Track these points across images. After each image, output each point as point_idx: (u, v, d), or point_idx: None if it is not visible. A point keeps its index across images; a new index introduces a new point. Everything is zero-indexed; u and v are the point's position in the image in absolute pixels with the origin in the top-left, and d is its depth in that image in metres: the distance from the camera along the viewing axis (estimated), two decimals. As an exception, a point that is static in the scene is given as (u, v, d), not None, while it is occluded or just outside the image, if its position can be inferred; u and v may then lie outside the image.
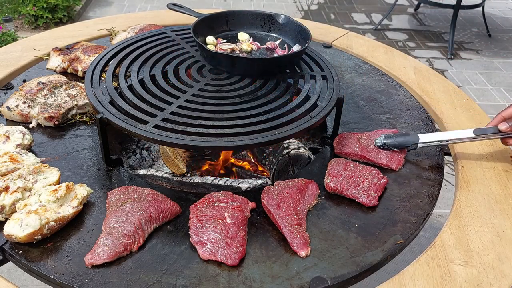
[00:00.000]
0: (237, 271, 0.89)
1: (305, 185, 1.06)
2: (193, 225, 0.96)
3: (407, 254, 1.10)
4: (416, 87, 1.56)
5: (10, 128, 1.17)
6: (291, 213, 0.98)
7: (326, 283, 0.87)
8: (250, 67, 1.24)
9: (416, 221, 1.03)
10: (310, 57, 1.36)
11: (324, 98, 1.17)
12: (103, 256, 0.88)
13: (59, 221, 0.93)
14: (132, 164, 1.34)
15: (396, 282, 0.89)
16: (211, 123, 1.05)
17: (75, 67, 1.52)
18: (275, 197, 1.01)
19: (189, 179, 1.22)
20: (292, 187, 1.04)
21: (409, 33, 4.36)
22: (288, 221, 0.97)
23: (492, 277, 0.91)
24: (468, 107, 1.46)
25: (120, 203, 0.98)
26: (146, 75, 1.21)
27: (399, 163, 1.17)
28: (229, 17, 1.41)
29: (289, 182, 1.06)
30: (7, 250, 0.91)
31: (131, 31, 1.72)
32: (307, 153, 1.32)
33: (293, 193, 1.03)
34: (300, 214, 1.00)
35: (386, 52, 1.79)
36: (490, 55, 4.02)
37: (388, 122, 1.37)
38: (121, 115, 1.06)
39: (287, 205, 1.00)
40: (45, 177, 1.02)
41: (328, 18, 4.60)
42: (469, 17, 4.74)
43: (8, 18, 3.70)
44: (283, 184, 1.06)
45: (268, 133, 1.03)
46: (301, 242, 0.94)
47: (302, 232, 0.96)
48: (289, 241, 0.94)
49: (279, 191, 1.03)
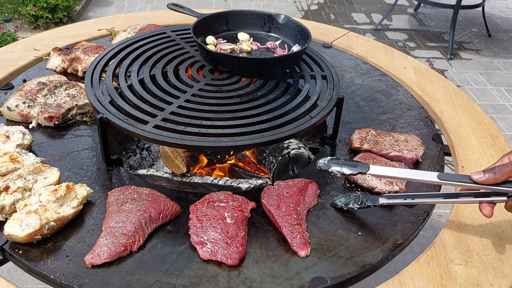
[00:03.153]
0: (237, 271, 0.89)
1: (305, 185, 1.06)
2: (193, 225, 0.96)
3: (407, 254, 1.10)
4: (416, 87, 1.56)
5: (10, 128, 1.17)
6: (291, 213, 0.98)
7: (326, 283, 0.87)
8: (250, 67, 1.24)
9: (416, 221, 1.03)
10: (310, 57, 1.36)
11: (324, 98, 1.17)
12: (103, 256, 0.88)
13: (59, 221, 0.93)
14: (132, 164, 1.34)
15: (396, 282, 0.89)
16: (211, 123, 1.05)
17: (75, 67, 1.52)
18: (275, 197, 1.01)
19: (189, 179, 1.22)
20: (292, 187, 1.04)
21: (409, 33, 4.36)
22: (288, 221, 0.97)
23: (492, 277, 0.91)
24: (468, 107, 1.46)
25: (120, 203, 0.98)
26: (146, 75, 1.21)
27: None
28: (229, 17, 1.41)
29: (289, 182, 1.06)
30: (7, 250, 0.91)
31: (131, 31, 1.72)
32: (307, 153, 1.32)
33: (293, 193, 1.03)
34: (300, 214, 1.00)
35: (386, 52, 1.79)
36: (490, 55, 4.02)
37: (388, 122, 1.37)
38: (121, 115, 1.06)
39: (287, 205, 1.00)
40: (45, 177, 1.02)
41: (328, 18, 4.60)
42: (469, 17, 4.73)
43: (8, 18, 3.70)
44: (283, 184, 1.06)
45: (268, 133, 1.03)
46: (301, 242, 0.94)
47: (302, 232, 0.96)
48: (289, 241, 0.94)
49: (279, 191, 1.03)
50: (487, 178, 0.86)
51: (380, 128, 1.33)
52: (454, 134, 1.33)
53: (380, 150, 1.20)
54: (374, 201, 1.00)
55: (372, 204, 1.00)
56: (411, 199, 0.96)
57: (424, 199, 0.97)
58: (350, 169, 0.95)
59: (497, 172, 0.85)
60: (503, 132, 2.99)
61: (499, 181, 0.86)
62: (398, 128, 1.35)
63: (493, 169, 0.86)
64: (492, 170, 0.86)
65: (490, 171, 0.86)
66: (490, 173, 0.86)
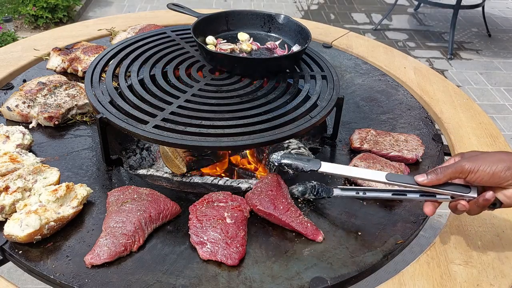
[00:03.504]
0: (237, 271, 0.89)
1: (275, 178, 1.07)
2: (193, 225, 0.96)
3: (407, 254, 1.10)
4: (416, 87, 1.56)
5: (10, 128, 1.17)
6: (289, 208, 0.99)
7: (326, 283, 0.87)
8: (250, 67, 1.24)
9: (416, 221, 1.03)
10: (310, 57, 1.36)
11: (324, 98, 1.17)
12: (103, 256, 0.88)
13: (59, 221, 0.93)
14: (132, 164, 1.34)
15: (396, 282, 0.89)
16: (211, 123, 1.05)
17: (75, 67, 1.52)
18: (267, 199, 1.01)
19: (189, 179, 1.22)
20: (270, 185, 1.04)
21: (409, 33, 4.36)
22: (291, 215, 0.98)
23: (492, 277, 0.91)
24: (468, 107, 1.46)
25: (120, 203, 0.98)
26: (146, 75, 1.21)
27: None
28: (229, 17, 1.41)
29: (264, 182, 1.06)
30: (7, 250, 0.91)
31: (131, 31, 1.72)
32: (307, 153, 1.32)
33: (275, 189, 1.03)
34: (293, 205, 1.01)
35: (386, 52, 1.79)
36: (490, 55, 4.02)
37: (388, 122, 1.37)
38: (121, 115, 1.06)
39: (281, 202, 1.00)
40: (45, 177, 1.02)
41: (328, 18, 4.60)
42: (469, 17, 4.73)
43: (8, 18, 3.70)
44: (261, 185, 1.05)
45: (268, 133, 1.03)
46: (313, 228, 0.96)
47: (307, 220, 0.98)
48: (303, 233, 0.96)
49: (265, 193, 1.02)
50: (429, 180, 0.88)
51: (380, 128, 1.33)
52: (454, 134, 1.33)
53: (380, 150, 1.20)
54: (329, 193, 1.02)
55: (327, 196, 1.02)
56: (362, 193, 0.99)
57: (375, 193, 0.99)
58: (302, 163, 0.99)
59: (439, 173, 0.87)
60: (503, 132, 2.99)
61: (441, 182, 0.87)
62: (398, 128, 1.35)
63: (436, 170, 0.88)
64: (435, 171, 0.88)
65: (433, 172, 0.88)
66: (432, 175, 0.88)
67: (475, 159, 0.85)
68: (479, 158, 0.85)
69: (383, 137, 1.25)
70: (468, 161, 0.85)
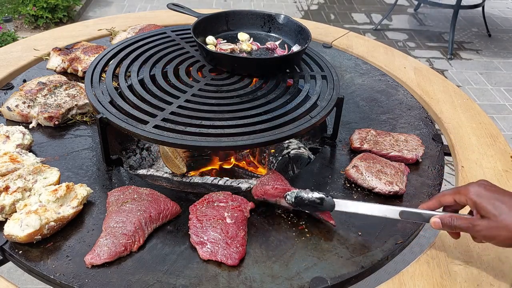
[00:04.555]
0: (237, 271, 0.89)
1: (277, 173, 1.10)
2: (193, 225, 0.96)
3: (407, 254, 1.10)
4: (416, 87, 1.56)
5: (10, 128, 1.17)
6: None
7: (326, 283, 0.87)
8: (250, 67, 1.24)
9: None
10: (310, 57, 1.36)
11: (324, 98, 1.17)
12: (103, 256, 0.88)
13: (59, 221, 0.93)
14: (132, 164, 1.34)
15: (396, 282, 0.89)
16: (211, 123, 1.05)
17: (75, 67, 1.52)
18: (279, 182, 1.05)
19: (189, 179, 1.22)
20: (276, 177, 1.07)
21: (409, 33, 4.36)
22: None
23: (492, 277, 0.91)
24: (468, 107, 1.46)
25: (120, 203, 0.98)
26: (146, 75, 1.21)
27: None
28: (229, 17, 1.41)
29: (268, 176, 1.08)
30: (7, 250, 0.91)
31: (131, 31, 1.72)
32: (307, 153, 1.32)
33: (281, 180, 1.07)
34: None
35: (386, 52, 1.79)
36: (490, 55, 4.02)
37: (388, 122, 1.37)
38: (121, 115, 1.06)
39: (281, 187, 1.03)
40: (45, 177, 1.02)
41: (328, 18, 4.60)
42: (469, 17, 4.73)
43: (8, 18, 3.70)
44: (267, 177, 1.08)
45: (268, 133, 1.03)
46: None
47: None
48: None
49: (274, 180, 1.06)
50: (443, 224, 0.87)
51: (380, 128, 1.33)
52: (454, 134, 1.33)
53: (380, 150, 1.20)
54: (328, 208, 0.96)
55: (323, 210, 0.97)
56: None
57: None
58: (318, 199, 0.96)
59: (454, 221, 0.86)
60: (503, 132, 2.99)
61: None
62: (398, 128, 1.35)
63: (452, 217, 0.87)
64: (451, 217, 0.87)
65: (450, 217, 0.87)
66: (447, 219, 0.87)
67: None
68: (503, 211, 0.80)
69: (383, 137, 1.25)
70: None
